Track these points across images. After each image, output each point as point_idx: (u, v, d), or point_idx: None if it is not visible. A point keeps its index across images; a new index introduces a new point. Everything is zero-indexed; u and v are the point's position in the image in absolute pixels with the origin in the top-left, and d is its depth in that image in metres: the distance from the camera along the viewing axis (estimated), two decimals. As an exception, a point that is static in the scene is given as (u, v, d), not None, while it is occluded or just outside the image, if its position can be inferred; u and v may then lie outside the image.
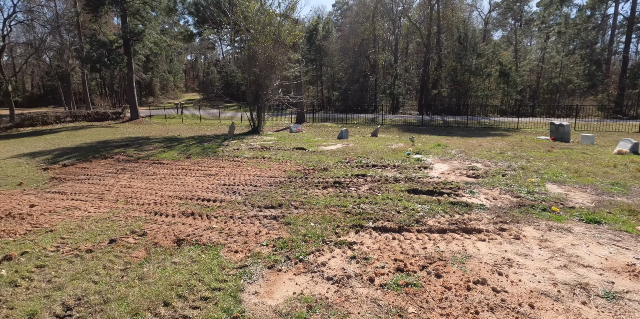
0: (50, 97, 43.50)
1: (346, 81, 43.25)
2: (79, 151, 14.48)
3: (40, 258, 4.80)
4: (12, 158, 13.14)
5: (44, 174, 10.46)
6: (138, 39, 30.28)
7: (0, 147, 16.29)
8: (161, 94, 50.41)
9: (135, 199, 7.40)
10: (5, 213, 6.79)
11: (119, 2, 28.95)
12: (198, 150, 13.40)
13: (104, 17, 34.58)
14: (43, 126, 26.62)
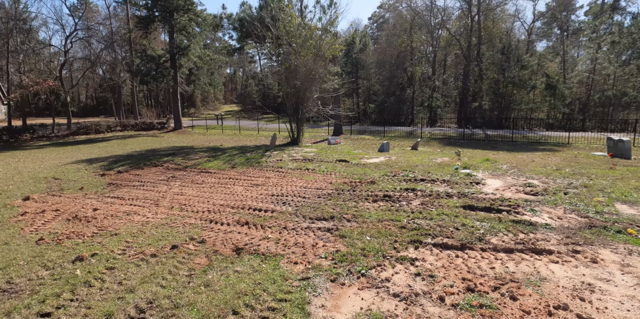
0: (102, 107, 46.67)
1: (382, 93, 43.15)
2: (130, 158, 15.28)
3: (109, 260, 5.03)
4: (72, 164, 14.08)
5: (101, 180, 11.09)
6: (184, 54, 31.94)
7: (61, 153, 17.54)
8: (202, 105, 52.62)
9: (190, 207, 7.64)
10: (72, 216, 7.22)
11: (168, 20, 30.82)
12: (242, 160, 13.74)
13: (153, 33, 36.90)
14: (96, 135, 28.44)
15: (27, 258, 5.23)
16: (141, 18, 31.90)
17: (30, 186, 10.33)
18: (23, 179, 11.28)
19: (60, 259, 5.13)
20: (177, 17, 30.86)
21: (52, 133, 27.35)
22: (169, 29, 31.82)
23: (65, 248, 5.53)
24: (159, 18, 31.00)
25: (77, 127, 28.49)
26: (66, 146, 21.37)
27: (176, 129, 31.73)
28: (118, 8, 43.21)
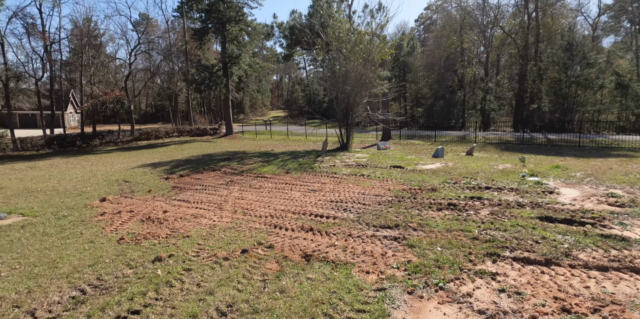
0: (160, 115, 49.99)
1: (431, 96, 41.98)
2: (189, 163, 16.09)
3: (186, 261, 5.26)
4: (139, 168, 15.09)
5: (166, 183, 11.75)
6: (235, 62, 33.29)
7: (127, 158, 18.91)
8: (250, 111, 54.50)
9: (252, 211, 7.83)
10: (146, 217, 7.69)
11: (220, 30, 32.33)
12: (295, 165, 13.92)
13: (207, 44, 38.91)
14: (156, 140, 30.37)
15: (112, 256, 5.62)
16: (196, 30, 33.79)
17: (105, 188, 11.19)
18: (98, 182, 12.26)
19: (141, 258, 5.44)
20: (229, 28, 32.30)
21: (118, 139, 29.61)
22: (222, 39, 33.36)
23: (143, 248, 5.87)
24: (212, 29, 32.65)
25: (139, 133, 30.61)
26: (131, 151, 23.00)
27: (227, 135, 33.03)
28: (175, 22, 46.18)
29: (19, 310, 4.14)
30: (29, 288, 4.64)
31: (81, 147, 26.82)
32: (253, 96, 53.51)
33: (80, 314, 3.97)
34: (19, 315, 4.03)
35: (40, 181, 12.69)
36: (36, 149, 25.23)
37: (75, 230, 7.08)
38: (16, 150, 24.68)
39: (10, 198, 10.19)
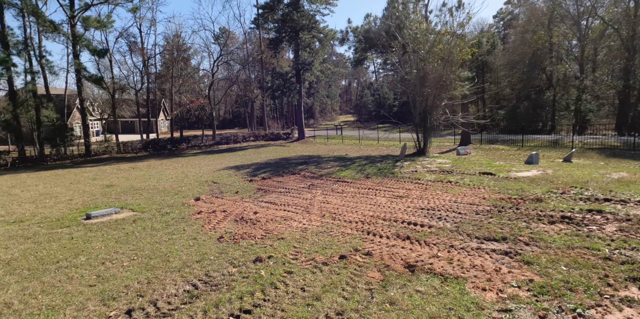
0: (236, 120, 53.35)
1: (513, 97, 38.72)
2: (269, 166, 16.69)
3: (286, 263, 5.29)
4: (224, 170, 16.05)
5: (251, 185, 12.27)
6: (307, 69, 34.12)
7: (211, 160, 20.29)
8: (320, 116, 55.53)
9: (340, 216, 7.74)
10: (239, 217, 8.02)
11: (294, 38, 33.40)
12: (374, 170, 13.64)
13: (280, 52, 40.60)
14: (234, 144, 32.26)
15: (215, 253, 5.89)
16: (271, 40, 35.38)
17: (197, 188, 12.03)
18: (190, 182, 13.24)
19: (242, 258, 5.62)
20: (302, 36, 33.27)
21: (201, 143, 32.04)
22: (295, 47, 34.47)
23: (242, 248, 6.07)
24: (286, 38, 33.91)
25: (220, 138, 32.80)
26: (213, 154, 24.68)
27: (300, 139, 33.88)
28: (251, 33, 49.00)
29: (143, 299, 4.47)
30: (148, 279, 5.02)
31: (171, 150, 29.51)
32: (323, 101, 54.45)
33: (197, 308, 4.16)
34: (143, 304, 4.35)
35: (142, 180, 14.09)
36: (135, 151, 28.34)
37: (178, 226, 7.62)
38: (119, 152, 27.97)
39: (120, 195, 11.42)
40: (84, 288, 4.86)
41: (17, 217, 9.01)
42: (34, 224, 8.34)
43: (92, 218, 8.60)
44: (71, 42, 27.34)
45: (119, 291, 4.70)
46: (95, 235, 7.27)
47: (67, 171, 19.17)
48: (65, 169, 20.33)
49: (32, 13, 25.15)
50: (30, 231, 7.77)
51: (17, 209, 9.95)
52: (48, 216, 9.03)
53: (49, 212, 9.44)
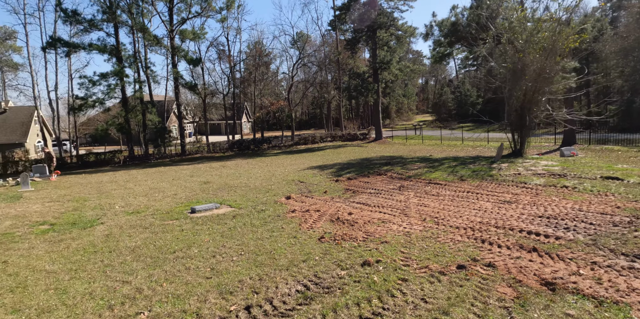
0: (312, 121, 54.52)
1: (627, 90, 33.36)
2: (352, 166, 16.51)
3: (397, 270, 4.95)
4: (307, 170, 16.27)
5: (337, 185, 12.16)
6: (385, 68, 33.35)
7: (293, 160, 20.80)
8: (396, 116, 54.10)
9: (444, 221, 7.15)
10: (335, 217, 7.89)
11: (371, 38, 32.89)
12: (468, 172, 12.61)
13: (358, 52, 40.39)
14: (312, 144, 32.85)
15: (318, 253, 5.78)
16: (348, 40, 35.35)
17: (286, 187, 12.28)
18: (278, 181, 13.60)
19: (348, 260, 5.41)
20: (379, 34, 32.64)
21: (281, 143, 33.22)
22: (372, 46, 33.92)
23: (346, 250, 5.88)
24: (363, 38, 33.58)
25: (298, 139, 33.66)
26: (294, 154, 25.34)
27: (377, 140, 33.26)
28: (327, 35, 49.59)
29: (258, 296, 4.49)
30: (260, 276, 5.06)
31: (254, 150, 31.08)
32: (399, 100, 52.95)
33: (314, 311, 4.03)
34: (260, 301, 4.36)
35: (234, 178, 14.89)
36: (222, 151, 30.41)
37: (276, 224, 7.74)
38: (209, 152, 30.26)
39: (217, 191, 12.14)
40: (201, 279, 5.07)
41: (134, 209, 10.04)
42: (148, 216, 9.18)
43: (197, 212, 9.20)
44: (170, 53, 30.37)
45: (234, 285, 4.80)
46: (202, 228, 7.71)
47: (167, 168, 21.22)
48: (166, 166, 22.54)
49: (140, 30, 28.41)
50: (146, 221, 8.55)
51: (133, 201, 11.12)
52: (159, 209, 9.90)
53: (159, 205, 10.35)
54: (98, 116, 37.80)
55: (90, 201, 11.17)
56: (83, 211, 9.84)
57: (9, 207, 10.54)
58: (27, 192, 13.77)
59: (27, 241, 7.40)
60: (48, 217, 9.20)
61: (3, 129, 31.93)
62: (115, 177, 17.95)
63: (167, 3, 30.11)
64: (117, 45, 27.73)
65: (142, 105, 27.69)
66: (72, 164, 25.71)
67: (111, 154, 27.35)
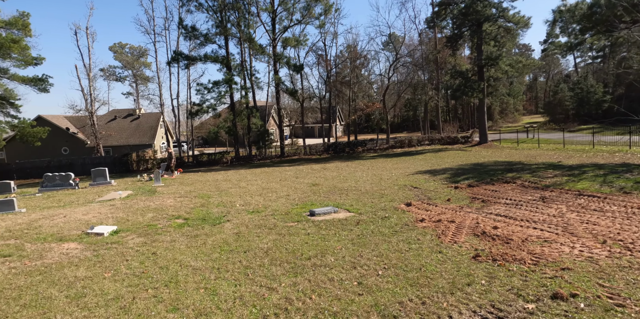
0: (405, 124, 52.54)
1: None
2: (466, 172, 14.87)
3: (610, 311, 3.72)
4: (416, 174, 15.12)
5: (459, 193, 10.85)
6: (493, 64, 30.18)
7: (394, 164, 19.76)
8: (500, 117, 48.99)
9: (636, 246, 5.53)
10: (479, 231, 6.75)
11: (476, 32, 30.06)
12: (629, 183, 10.18)
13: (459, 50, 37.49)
14: (408, 148, 31.30)
15: (483, 277, 4.78)
16: (449, 37, 32.90)
17: (400, 192, 11.39)
18: (389, 185, 12.77)
19: (527, 289, 4.33)
20: (485, 28, 29.68)
21: (376, 146, 32.34)
22: (477, 41, 31.03)
23: (517, 274, 4.78)
24: (466, 33, 30.91)
25: (394, 141, 32.40)
26: (392, 157, 24.25)
27: (481, 143, 30.24)
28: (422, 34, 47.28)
29: (428, 325, 3.72)
30: (420, 298, 4.29)
31: (349, 153, 30.76)
32: (503, 100, 47.80)
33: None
34: (432, 333, 3.59)
35: (341, 181, 14.49)
36: (318, 153, 30.73)
37: (408, 234, 6.93)
38: (305, 154, 30.85)
39: (328, 194, 11.81)
40: (352, 295, 4.50)
41: (253, 208, 10.17)
42: (269, 216, 9.15)
43: (316, 215, 8.87)
44: (272, 60, 31.85)
45: (394, 308, 4.11)
46: (328, 234, 7.27)
47: (271, 169, 21.98)
48: (268, 167, 23.43)
49: (247, 40, 30.31)
50: (269, 222, 8.47)
51: (251, 200, 11.36)
52: (277, 209, 9.86)
53: (276, 206, 10.34)
54: (209, 121, 41.65)
55: (213, 198, 11.75)
56: (209, 208, 10.31)
57: (149, 200, 11.63)
58: (159, 187, 15.29)
59: (168, 233, 7.82)
60: (181, 212, 9.79)
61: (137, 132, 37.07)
62: (227, 176, 19.10)
63: (270, 13, 31.67)
64: (227, 56, 30.01)
65: (247, 110, 29.44)
66: (189, 163, 28.47)
67: (220, 155, 29.62)
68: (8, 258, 6.50)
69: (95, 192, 15.04)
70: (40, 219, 9.42)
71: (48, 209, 11.22)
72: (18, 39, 26.95)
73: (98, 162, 28.17)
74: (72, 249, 6.91)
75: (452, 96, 30.81)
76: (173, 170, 20.04)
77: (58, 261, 6.27)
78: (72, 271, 5.74)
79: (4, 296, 4.94)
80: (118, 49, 45.85)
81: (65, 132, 35.94)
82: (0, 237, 7.86)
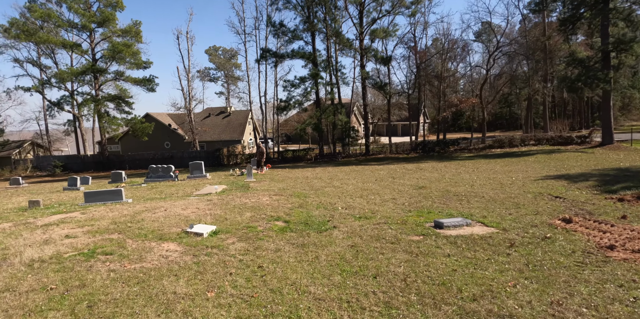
0: (498, 122, 46.73)
1: None
2: (622, 179, 11.48)
3: None
4: (545, 180, 12.14)
5: (631, 207, 7.95)
6: (625, 49, 24.52)
7: (503, 166, 16.66)
8: (620, 115, 40.78)
9: None
10: None
11: (602, 11, 24.62)
12: None
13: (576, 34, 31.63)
14: (510, 148, 27.14)
15: None
16: (563, 20, 27.68)
17: (539, 202, 8.82)
18: (517, 192, 10.18)
19: None
20: (613, 6, 24.14)
21: (470, 146, 28.74)
22: (602, 22, 25.51)
23: None
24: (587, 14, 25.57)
25: (492, 141, 28.48)
26: (494, 159, 20.89)
27: (605, 144, 24.83)
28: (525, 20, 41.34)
29: None
30: None
31: (439, 152, 27.75)
32: (626, 93, 39.57)
33: None
34: None
35: (451, 184, 12.21)
36: (406, 152, 28.28)
37: (608, 270, 4.63)
38: (392, 153, 28.63)
39: (443, 200, 9.71)
40: None
41: (359, 212, 8.56)
42: (382, 224, 7.44)
43: (444, 228, 6.91)
44: (359, 54, 30.16)
45: None
46: (477, 258, 5.28)
47: (360, 167, 20.34)
48: (356, 165, 21.84)
49: (334, 35, 29.03)
50: (386, 233, 6.76)
51: (352, 202, 9.79)
52: (388, 216, 8.11)
53: (385, 211, 8.61)
54: (292, 118, 41.68)
55: (310, 198, 10.45)
56: (309, 210, 8.97)
57: (244, 197, 10.78)
58: (252, 182, 14.63)
59: (271, 239, 6.57)
60: (280, 213, 8.60)
61: (228, 129, 38.48)
62: (316, 173, 17.95)
63: (357, 6, 30.00)
64: (314, 52, 29.12)
65: (333, 106, 28.23)
66: (274, 159, 28.27)
67: (304, 152, 28.91)
68: (109, 256, 5.79)
69: (192, 185, 14.94)
70: (143, 212, 9.00)
71: (151, 201, 11.01)
72: (130, 43, 29.30)
73: (194, 156, 29.51)
74: (172, 251, 6.00)
75: (570, 88, 25.79)
76: (262, 165, 19.57)
77: (157, 266, 5.34)
78: (171, 283, 4.69)
79: (97, 312, 3.99)
80: (212, 52, 48.43)
81: (168, 128, 38.79)
82: (106, 230, 7.41)
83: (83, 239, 6.71)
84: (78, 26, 29.53)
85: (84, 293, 4.49)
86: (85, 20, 29.01)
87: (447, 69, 33.65)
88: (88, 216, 8.78)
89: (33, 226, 7.95)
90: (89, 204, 10.59)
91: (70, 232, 7.29)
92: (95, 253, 5.94)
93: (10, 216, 9.47)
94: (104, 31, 30.22)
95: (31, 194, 16.14)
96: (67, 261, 5.57)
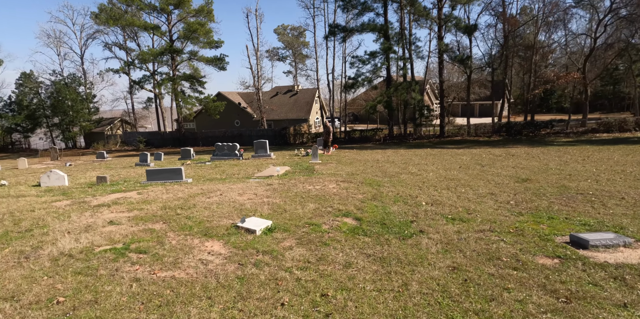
0: (598, 103, 38.97)
1: None
2: None
3: None
4: None
5: None
6: None
7: (622, 156, 12.88)
8: None
9: None
10: None
11: None
12: None
13: None
14: (619, 133, 21.97)
15: None
16: None
17: None
18: (675, 194, 7.13)
19: None
20: None
21: (567, 129, 23.94)
22: None
23: None
24: None
25: (596, 123, 23.36)
26: (604, 145, 16.67)
27: None
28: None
29: None
30: None
31: (528, 136, 23.54)
32: None
33: None
34: None
35: (564, 178, 9.34)
36: (487, 135, 24.56)
37: None
38: (470, 135, 25.06)
39: (561, 200, 7.12)
40: None
41: (451, 212, 6.45)
42: (487, 232, 5.30)
43: (590, 248, 4.57)
44: (436, 24, 26.33)
45: None
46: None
47: (436, 151, 17.71)
48: (431, 148, 19.20)
49: (409, 3, 25.52)
50: (498, 249, 4.63)
51: (438, 196, 7.66)
52: (490, 219, 5.91)
53: (485, 211, 6.39)
54: (360, 96, 39.23)
55: (385, 188, 8.54)
56: (385, 203, 7.10)
57: (308, 182, 9.25)
58: (317, 164, 13.12)
59: (339, 245, 4.89)
60: (350, 207, 6.86)
61: (295, 107, 37.50)
62: (387, 156, 15.86)
63: (438, -31, 25.88)
64: (385, 23, 26.06)
65: (406, 82, 25.27)
66: (341, 139, 26.53)
67: (372, 132, 26.68)
68: (142, 256, 4.62)
69: (255, 165, 13.93)
70: (197, 196, 7.95)
71: (210, 182, 10.06)
72: (203, 22, 29.06)
73: (261, 134, 29.06)
74: (215, 254, 4.64)
75: None
76: (329, 145, 17.95)
77: (192, 277, 4.00)
78: (200, 313, 3.27)
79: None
80: (281, 31, 47.23)
81: (237, 106, 39.06)
82: (152, 216, 6.40)
83: (124, 228, 5.72)
84: (157, 8, 30.07)
85: (91, 316, 3.26)
86: (163, 2, 29.38)
87: (540, 39, 28.08)
88: (142, 197, 7.98)
89: (86, 207, 7.30)
90: (149, 182, 9.98)
91: (117, 217, 6.41)
92: (128, 249, 4.82)
93: (74, 192, 9.15)
94: (180, 12, 30.45)
95: (107, 168, 16.62)
96: (95, 259, 4.51)
